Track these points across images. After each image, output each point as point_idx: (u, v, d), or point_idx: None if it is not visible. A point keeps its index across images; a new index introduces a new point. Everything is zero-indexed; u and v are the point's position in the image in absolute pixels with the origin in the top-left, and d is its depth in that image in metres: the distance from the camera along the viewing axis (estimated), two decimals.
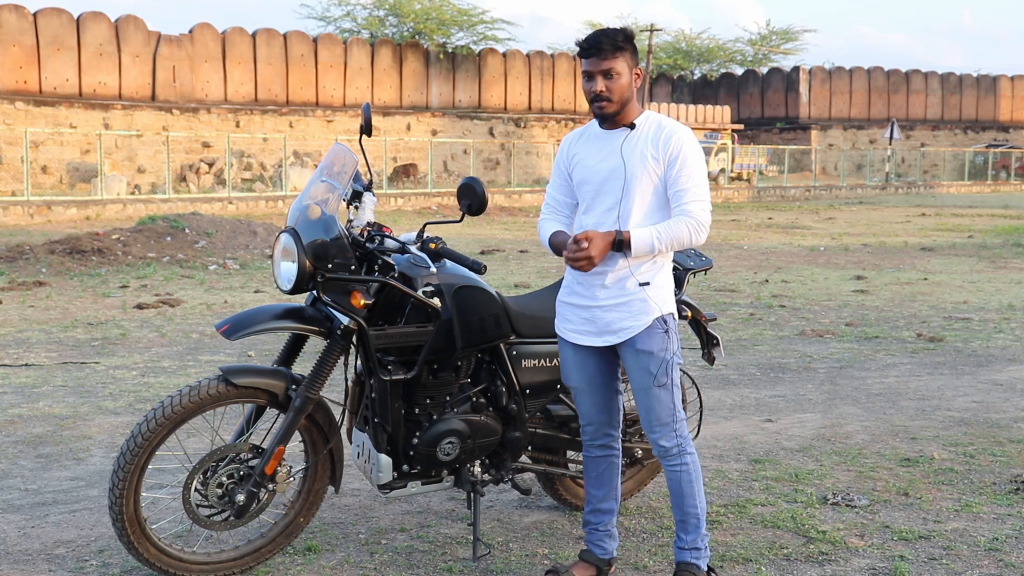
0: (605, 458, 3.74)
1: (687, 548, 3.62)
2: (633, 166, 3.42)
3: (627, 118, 3.48)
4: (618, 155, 3.46)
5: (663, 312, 3.49)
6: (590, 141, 3.57)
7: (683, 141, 3.42)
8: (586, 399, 3.67)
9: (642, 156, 3.43)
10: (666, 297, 3.52)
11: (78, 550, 4.00)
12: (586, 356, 3.61)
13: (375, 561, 3.92)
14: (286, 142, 30.43)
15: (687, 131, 3.46)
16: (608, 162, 3.48)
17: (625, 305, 3.47)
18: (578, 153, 3.59)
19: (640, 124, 3.48)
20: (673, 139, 3.41)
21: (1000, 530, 4.28)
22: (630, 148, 3.45)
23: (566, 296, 3.63)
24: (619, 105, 3.44)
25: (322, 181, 3.73)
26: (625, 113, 3.47)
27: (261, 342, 8.19)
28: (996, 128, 54.06)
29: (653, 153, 3.42)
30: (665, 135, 3.43)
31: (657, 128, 3.46)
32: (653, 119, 3.49)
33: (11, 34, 29.05)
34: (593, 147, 3.54)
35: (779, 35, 56.79)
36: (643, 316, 3.46)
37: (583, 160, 3.56)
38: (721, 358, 4.42)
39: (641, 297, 3.46)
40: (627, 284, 3.45)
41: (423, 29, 40.14)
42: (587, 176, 3.53)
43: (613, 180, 3.45)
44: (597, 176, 3.50)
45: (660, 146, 3.42)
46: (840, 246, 18.57)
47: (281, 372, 3.70)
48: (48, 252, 13.94)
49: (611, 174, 3.46)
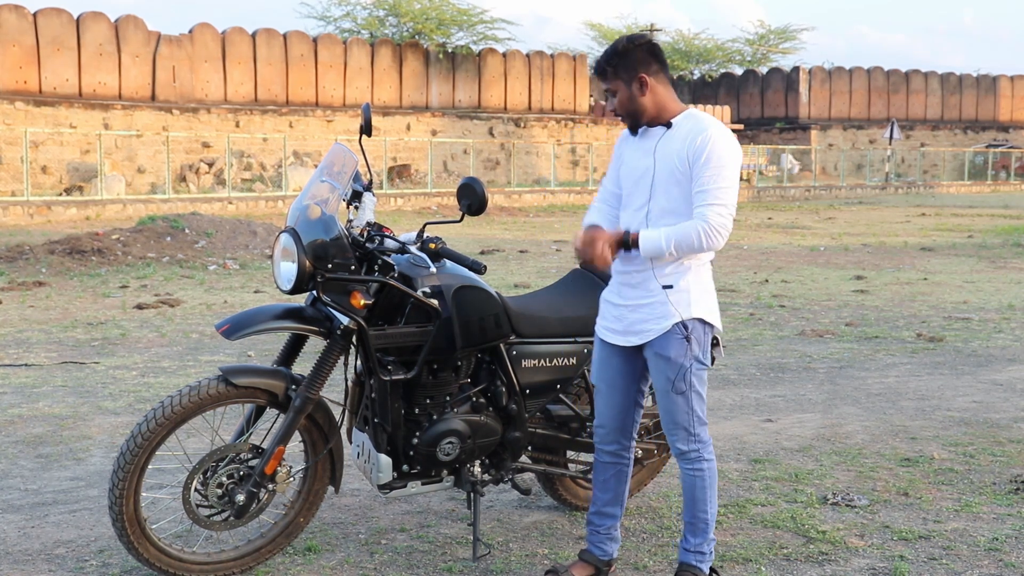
0: (613, 464, 3.73)
1: (692, 551, 3.61)
2: (661, 166, 3.43)
3: (662, 118, 3.47)
4: (651, 155, 3.48)
5: (684, 317, 3.44)
6: (635, 139, 3.60)
7: (713, 140, 3.34)
8: (603, 399, 3.69)
9: (672, 155, 3.41)
10: (691, 302, 3.46)
11: (78, 550, 4.00)
12: (611, 355, 3.63)
13: (375, 561, 3.92)
14: (286, 142, 30.43)
15: (722, 130, 3.37)
16: (643, 161, 3.50)
17: (648, 307, 3.48)
18: (624, 150, 3.63)
19: (677, 123, 3.46)
20: (701, 137, 3.36)
21: (1000, 530, 4.29)
22: (663, 148, 3.45)
23: (607, 294, 3.67)
24: (631, 117, 3.49)
25: (322, 181, 3.73)
26: (657, 115, 3.47)
27: (261, 342, 8.19)
28: (996, 128, 54.05)
29: (683, 152, 3.39)
30: (695, 133, 3.39)
31: (692, 126, 3.41)
32: (692, 117, 3.44)
33: (11, 34, 29.03)
34: (635, 145, 3.58)
35: (777, 34, 56.77)
36: (663, 320, 3.46)
37: (626, 158, 3.60)
38: (721, 358, 4.41)
39: (662, 300, 3.46)
40: (650, 285, 3.47)
41: (422, 29, 40.13)
42: (626, 173, 3.58)
43: (644, 179, 3.49)
44: (633, 174, 3.54)
45: (689, 144, 3.38)
46: (840, 246, 18.57)
47: (281, 372, 3.71)
48: (48, 252, 13.94)
49: (644, 173, 3.49)
